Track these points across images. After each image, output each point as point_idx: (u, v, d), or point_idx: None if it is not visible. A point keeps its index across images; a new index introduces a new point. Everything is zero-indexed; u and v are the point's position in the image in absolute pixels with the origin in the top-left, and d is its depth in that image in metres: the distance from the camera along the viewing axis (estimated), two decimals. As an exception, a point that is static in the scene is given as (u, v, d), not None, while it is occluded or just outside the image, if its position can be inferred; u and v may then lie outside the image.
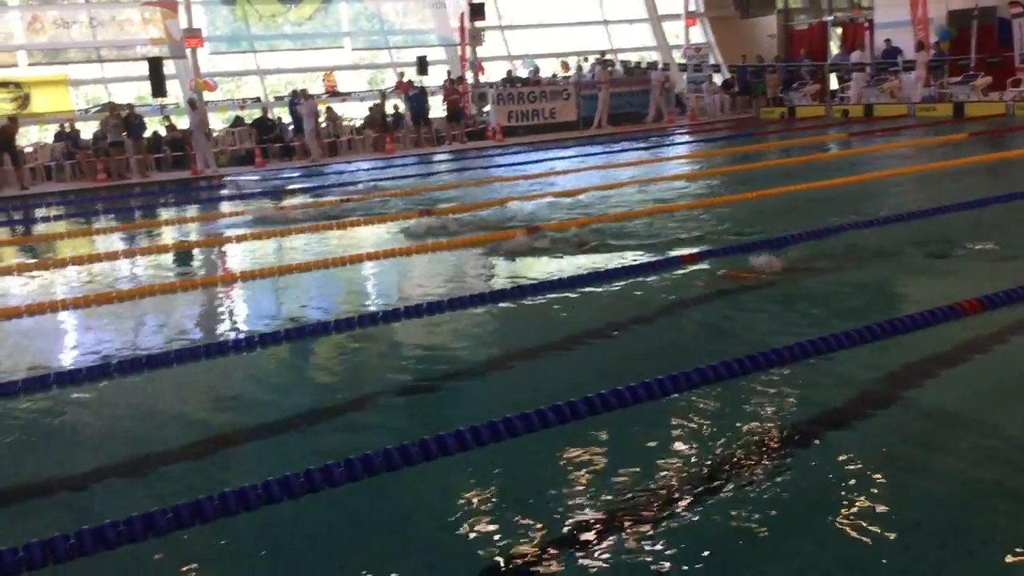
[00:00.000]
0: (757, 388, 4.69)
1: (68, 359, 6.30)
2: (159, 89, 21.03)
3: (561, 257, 8.28)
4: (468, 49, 24.97)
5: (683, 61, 27.99)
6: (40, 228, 14.37)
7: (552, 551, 3.33)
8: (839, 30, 27.89)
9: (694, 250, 7.99)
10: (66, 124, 20.89)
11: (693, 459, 4.00)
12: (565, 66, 26.59)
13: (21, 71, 22.08)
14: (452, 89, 23.34)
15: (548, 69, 26.75)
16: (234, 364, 5.93)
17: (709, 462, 3.97)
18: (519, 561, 3.27)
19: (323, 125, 22.56)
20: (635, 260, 7.86)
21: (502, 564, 3.26)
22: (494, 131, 23.23)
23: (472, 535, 3.47)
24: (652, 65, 26.72)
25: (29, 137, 21.86)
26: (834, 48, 27.31)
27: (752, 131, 21.93)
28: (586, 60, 26.42)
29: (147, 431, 4.85)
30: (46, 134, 22.20)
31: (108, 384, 5.57)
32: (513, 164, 17.69)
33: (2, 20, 22.17)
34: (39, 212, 15.97)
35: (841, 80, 25.79)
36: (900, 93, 23.46)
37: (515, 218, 10.83)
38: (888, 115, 22.16)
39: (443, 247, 9.18)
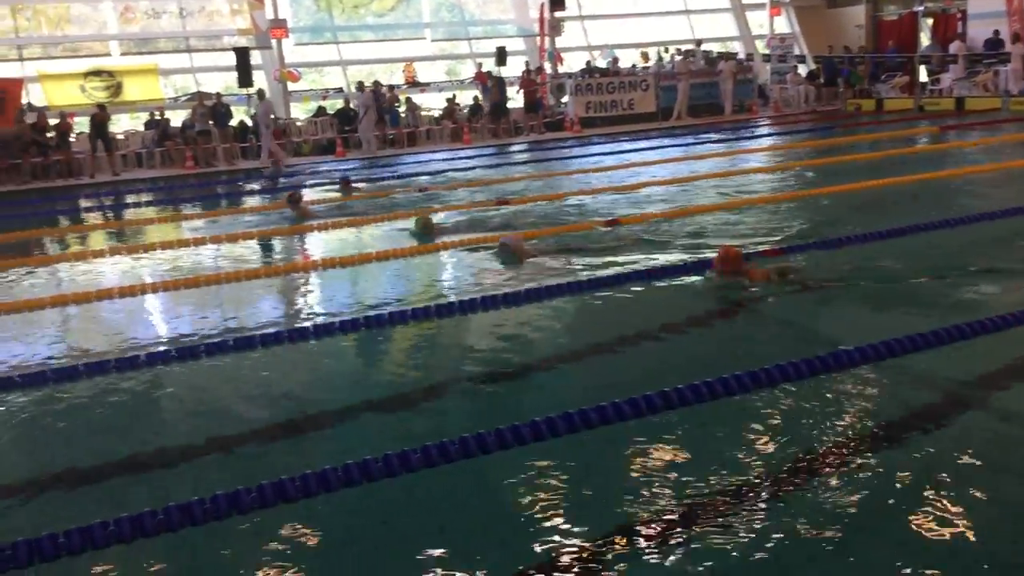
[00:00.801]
0: (836, 388, 4.61)
1: (157, 340, 6.52)
2: (245, 79, 21.46)
3: (636, 250, 8.24)
4: (547, 40, 24.94)
5: (767, 51, 27.47)
6: (131, 213, 14.85)
7: (623, 544, 3.33)
8: (930, 20, 27.02)
9: (778, 245, 7.89)
10: (156, 112, 21.52)
11: (768, 458, 3.96)
12: (645, 56, 26.34)
13: (114, 60, 22.83)
14: (530, 80, 23.33)
15: (628, 60, 26.54)
16: (315, 349, 6.06)
17: (784, 461, 3.92)
18: (590, 551, 3.28)
19: (402, 115, 22.79)
20: (710, 254, 7.78)
21: (574, 552, 3.27)
22: (571, 122, 23.17)
23: (545, 523, 3.49)
24: (728, 55, 26.13)
25: (121, 125, 22.59)
26: (924, 39, 26.48)
27: (838, 124, 21.42)
28: (667, 51, 26.14)
29: (232, 412, 5.00)
30: (137, 122, 22.90)
31: (194, 365, 5.74)
32: (589, 155, 17.64)
33: (96, 10, 22.95)
34: (130, 198, 16.50)
35: (930, 73, 24.99)
36: (994, 86, 22.63)
37: (594, 211, 10.81)
38: (980, 108, 21.42)
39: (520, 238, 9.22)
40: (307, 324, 6.60)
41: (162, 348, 6.11)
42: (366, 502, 3.75)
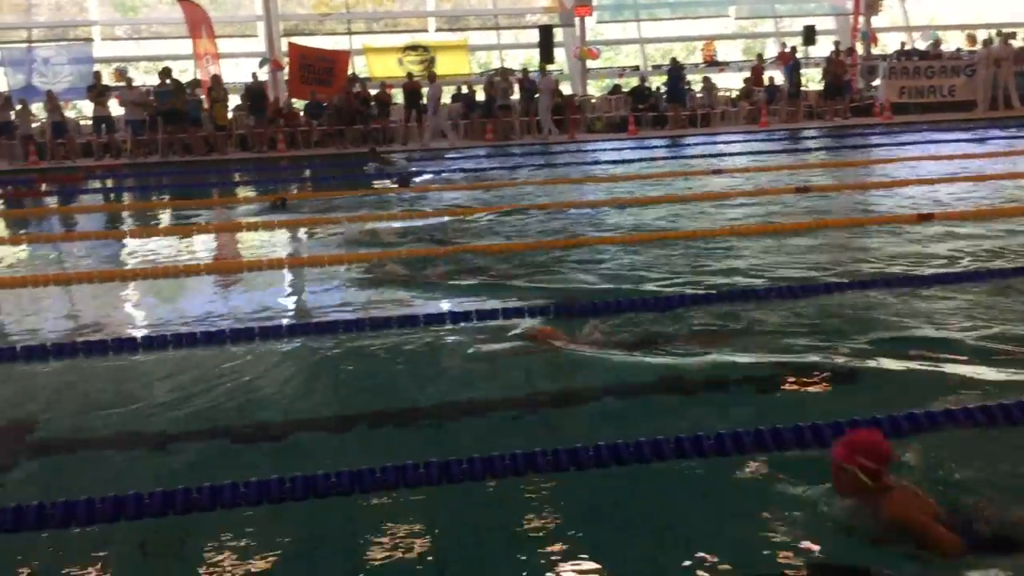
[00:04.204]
0: None
1: (449, 301, 6.72)
2: (547, 56, 21.99)
3: (951, 248, 7.61)
4: (862, 19, 23.43)
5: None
6: (425, 180, 15.66)
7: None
8: None
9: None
10: (463, 86, 22.62)
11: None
12: (972, 39, 24.05)
13: (429, 36, 24.34)
14: (838, 61, 22.06)
15: (953, 43, 24.35)
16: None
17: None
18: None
19: (699, 95, 22.43)
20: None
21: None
22: (882, 107, 21.68)
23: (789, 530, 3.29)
24: (988, 40, 22.63)
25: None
26: None
27: None
28: (999, 34, 23.68)
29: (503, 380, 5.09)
30: (445, 95, 24.23)
31: (490, 325, 5.91)
32: (901, 144, 16.46)
33: (415, -12, 24.59)
34: (431, 164, 17.45)
35: None
36: None
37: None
38: None
39: (817, 227, 8.85)
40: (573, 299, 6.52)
41: (460, 309, 6.35)
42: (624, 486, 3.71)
